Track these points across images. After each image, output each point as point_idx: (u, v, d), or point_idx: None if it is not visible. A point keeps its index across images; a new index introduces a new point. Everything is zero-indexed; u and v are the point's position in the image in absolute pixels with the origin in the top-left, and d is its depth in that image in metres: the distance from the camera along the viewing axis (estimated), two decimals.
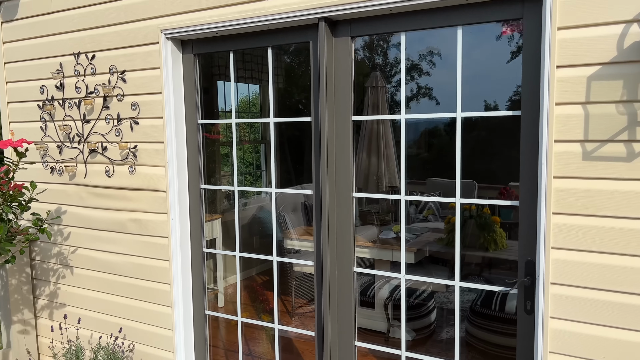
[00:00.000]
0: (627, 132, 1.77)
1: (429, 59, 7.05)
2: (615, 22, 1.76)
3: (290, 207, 5.14)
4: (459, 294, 2.27)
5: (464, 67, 2.16)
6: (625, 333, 1.84)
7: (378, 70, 6.19)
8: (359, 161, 5.57)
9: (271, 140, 2.71)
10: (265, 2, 2.44)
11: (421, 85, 7.56)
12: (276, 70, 5.85)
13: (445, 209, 5.76)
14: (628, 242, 1.80)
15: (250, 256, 2.92)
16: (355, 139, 2.42)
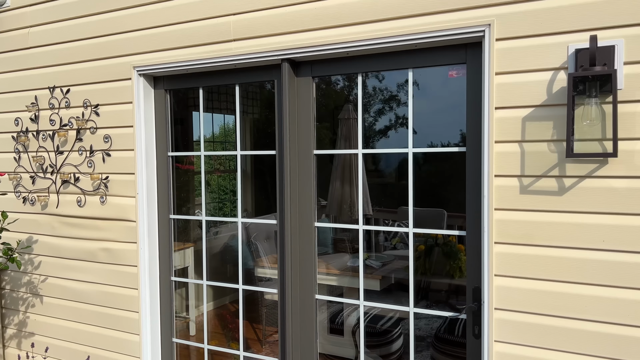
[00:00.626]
0: (557, 168, 1.94)
1: (405, 89, 7.32)
2: (545, 69, 1.95)
3: (263, 235, 5.23)
4: (412, 319, 2.39)
5: (431, 102, 2.33)
6: (562, 355, 1.98)
7: (351, 103, 6.41)
8: (332, 190, 5.72)
9: (237, 170, 2.83)
10: (232, 44, 2.60)
11: (399, 115, 7.80)
12: (248, 102, 6.02)
13: (415, 237, 5.90)
14: (562, 269, 1.95)
15: (217, 284, 3.00)
16: (328, 169, 2.56)
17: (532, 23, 1.95)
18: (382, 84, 7.00)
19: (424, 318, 4.81)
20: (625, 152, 1.83)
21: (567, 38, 1.91)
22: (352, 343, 4.02)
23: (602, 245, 1.89)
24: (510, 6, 1.99)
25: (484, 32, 2.03)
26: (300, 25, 2.41)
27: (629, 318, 1.86)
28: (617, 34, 1.83)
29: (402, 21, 2.19)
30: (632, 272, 1.85)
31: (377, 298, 3.76)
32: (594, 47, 1.78)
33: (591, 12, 1.86)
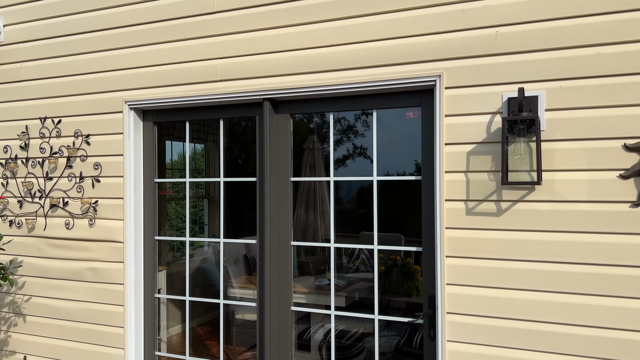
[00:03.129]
0: (495, 193, 2.37)
1: (368, 125, 7.81)
2: (485, 113, 2.40)
3: (232, 259, 5.50)
4: (377, 325, 2.74)
5: (392, 137, 2.73)
6: (503, 350, 2.36)
7: (315, 133, 6.83)
8: (297, 216, 6.05)
9: (221, 196, 3.14)
10: (218, 84, 2.94)
11: (357, 145, 8.29)
12: (226, 132, 6.34)
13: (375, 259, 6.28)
14: (501, 277, 2.36)
15: (200, 300, 3.26)
16: (294, 196, 2.91)
17: (474, 75, 2.40)
18: (342, 119, 7.52)
19: (384, 336, 5.15)
20: (547, 181, 2.28)
21: (502, 88, 2.36)
22: (319, 358, 4.31)
23: (532, 257, 2.31)
24: (457, 61, 2.44)
25: (435, 81, 2.47)
26: (280, 70, 2.79)
27: (555, 316, 2.27)
28: (540, 87, 2.30)
29: (368, 70, 2.61)
30: (556, 278, 2.27)
31: (351, 312, 4.09)
32: (521, 96, 2.24)
33: (520, 69, 2.33)
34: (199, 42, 2.99)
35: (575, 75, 2.23)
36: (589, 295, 2.22)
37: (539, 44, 2.29)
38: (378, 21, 2.58)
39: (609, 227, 2.19)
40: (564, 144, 2.26)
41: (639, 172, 2.13)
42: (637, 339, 2.15)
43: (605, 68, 2.19)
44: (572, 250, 2.25)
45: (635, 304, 2.15)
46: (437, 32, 2.47)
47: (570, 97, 2.24)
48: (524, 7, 2.31)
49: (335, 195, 8.34)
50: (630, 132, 2.15)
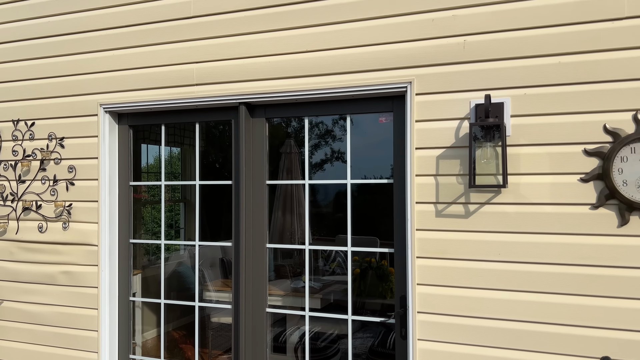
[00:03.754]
0: (464, 196, 2.46)
1: (343, 129, 7.88)
2: (454, 119, 2.48)
3: (208, 262, 5.49)
4: (351, 325, 2.80)
5: (366, 142, 2.79)
6: (470, 347, 2.44)
7: (292, 137, 6.88)
8: (274, 219, 6.08)
9: (196, 199, 3.16)
10: (195, 87, 2.97)
11: (334, 150, 8.36)
12: (200, 136, 6.34)
13: (351, 261, 6.35)
14: (469, 277, 2.44)
15: (175, 303, 3.27)
16: (271, 199, 2.95)
17: (444, 82, 2.49)
18: (320, 124, 7.59)
19: (359, 338, 5.21)
20: (513, 184, 2.37)
21: (470, 95, 2.45)
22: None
23: (498, 257, 2.40)
24: (427, 68, 2.52)
25: (406, 87, 2.54)
26: (256, 75, 2.83)
27: (520, 315, 2.36)
28: (506, 94, 2.40)
29: (342, 76, 2.67)
30: (521, 278, 2.36)
31: (325, 313, 4.13)
32: (488, 103, 2.33)
33: (487, 76, 2.42)
34: (175, 46, 3.02)
35: (539, 83, 2.33)
36: (552, 294, 2.32)
37: (505, 53, 2.39)
38: (352, 28, 2.65)
39: (571, 228, 2.29)
40: (529, 148, 2.35)
41: (598, 175, 2.24)
42: (599, 335, 2.25)
43: (566, 76, 2.29)
44: (536, 250, 2.34)
45: (596, 302, 2.25)
46: (408, 40, 2.55)
47: (534, 103, 2.34)
48: (491, 17, 2.41)
49: (313, 199, 8.45)
50: (590, 137, 2.26)
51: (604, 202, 2.23)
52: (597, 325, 2.25)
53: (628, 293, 2.20)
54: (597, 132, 2.25)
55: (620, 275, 2.22)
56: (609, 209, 2.24)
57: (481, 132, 2.39)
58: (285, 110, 2.90)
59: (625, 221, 2.20)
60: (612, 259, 2.23)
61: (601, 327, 2.24)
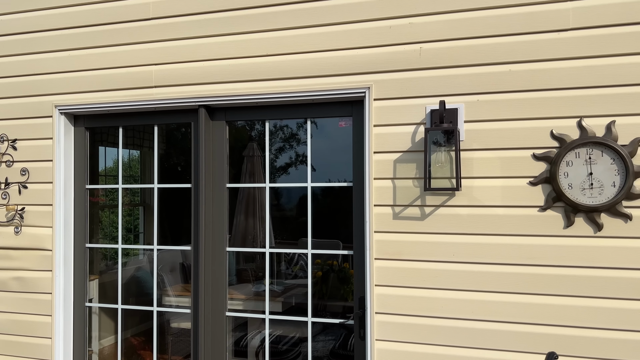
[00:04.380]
0: (419, 199, 2.52)
1: (306, 128, 7.89)
2: (410, 124, 2.55)
3: (168, 267, 5.42)
4: (310, 327, 2.82)
5: (329, 145, 2.82)
6: (427, 347, 2.51)
7: (255, 141, 6.87)
8: (236, 223, 6.05)
9: (155, 203, 3.13)
10: (153, 89, 2.95)
11: (299, 153, 8.40)
12: (160, 139, 6.25)
13: (313, 264, 6.39)
14: (425, 278, 2.51)
15: (132, 308, 3.22)
16: (233, 203, 2.94)
17: (401, 88, 2.55)
18: (284, 127, 7.61)
19: (321, 340, 5.24)
20: (466, 187, 2.46)
21: (425, 101, 2.52)
22: None
23: (453, 258, 2.47)
24: (385, 74, 2.58)
25: (365, 93, 2.60)
26: (216, 78, 2.83)
27: (474, 313, 2.44)
28: (460, 100, 2.48)
29: (302, 80, 2.70)
30: (474, 278, 2.44)
31: (285, 316, 4.14)
32: (442, 108, 2.40)
33: (442, 83, 2.50)
34: (133, 47, 2.98)
35: (491, 90, 2.43)
36: (503, 293, 2.41)
37: (459, 60, 2.47)
38: (312, 34, 2.68)
39: (521, 229, 2.39)
40: (481, 153, 2.44)
41: (546, 179, 2.34)
42: (546, 332, 2.34)
43: (516, 84, 2.39)
44: (488, 251, 2.42)
45: (543, 300, 2.35)
46: (367, 46, 2.61)
47: (486, 110, 2.43)
48: (446, 26, 2.49)
49: (277, 203, 8.44)
50: (539, 142, 2.36)
51: (551, 204, 2.33)
52: (544, 322, 2.35)
53: (572, 291, 2.31)
54: (545, 138, 2.36)
55: (565, 274, 2.32)
56: (555, 211, 2.35)
57: (436, 137, 2.46)
58: (246, 113, 2.91)
59: (570, 222, 2.31)
60: (558, 259, 2.33)
61: (548, 324, 2.34)
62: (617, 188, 2.24)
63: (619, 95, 2.26)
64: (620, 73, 2.26)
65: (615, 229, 2.26)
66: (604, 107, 2.28)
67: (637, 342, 2.24)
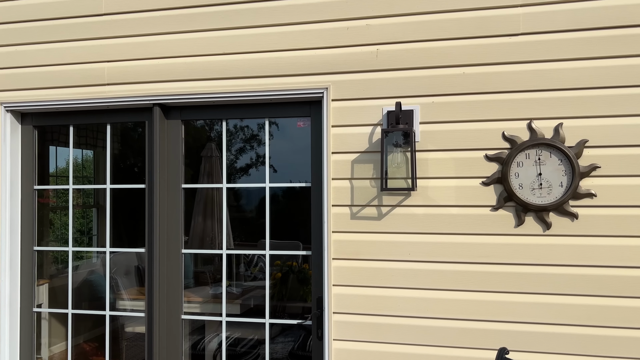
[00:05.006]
0: (376, 199, 2.55)
1: (266, 130, 7.81)
2: (367, 125, 2.57)
3: (122, 270, 5.27)
4: (268, 329, 2.80)
5: (290, 145, 2.80)
6: (384, 345, 2.53)
7: (214, 141, 6.78)
8: (195, 224, 5.95)
9: (107, 204, 3.04)
10: (106, 87, 2.86)
11: (260, 154, 8.33)
12: (115, 138, 6.08)
13: (272, 266, 6.36)
14: (381, 277, 2.53)
15: (83, 312, 3.11)
16: (192, 204, 2.89)
17: (358, 89, 2.57)
18: (245, 127, 7.55)
19: (280, 342, 5.22)
20: (421, 187, 2.50)
21: (382, 102, 2.55)
22: None
23: (408, 257, 2.51)
24: (343, 75, 2.59)
25: (323, 93, 2.60)
26: (172, 76, 2.78)
27: (429, 311, 2.48)
28: (415, 102, 2.52)
29: (260, 80, 2.68)
30: (430, 277, 2.48)
31: (242, 318, 4.10)
32: (398, 110, 2.43)
33: (398, 84, 2.53)
34: (85, 43, 2.89)
35: (445, 92, 2.48)
36: (457, 291, 2.46)
37: (415, 62, 2.51)
38: (270, 33, 2.67)
39: (474, 228, 2.44)
40: (436, 154, 2.48)
41: (498, 179, 2.41)
42: (498, 328, 2.41)
43: (470, 86, 2.45)
44: (443, 250, 2.47)
45: (495, 297, 2.41)
46: (324, 46, 2.61)
47: (441, 111, 2.48)
48: (402, 28, 2.52)
49: (237, 204, 8.35)
50: (491, 144, 2.43)
51: (503, 204, 2.40)
52: (496, 319, 2.41)
53: (522, 288, 2.38)
54: (497, 139, 2.42)
55: (516, 271, 2.39)
56: (507, 210, 2.41)
57: (392, 138, 2.49)
58: (203, 112, 2.86)
59: (521, 221, 2.39)
60: (510, 257, 2.40)
61: (500, 321, 2.40)
62: (564, 188, 2.33)
63: (566, 99, 2.35)
64: (567, 77, 2.35)
65: (563, 228, 2.35)
66: (552, 110, 2.36)
67: (583, 336, 2.33)
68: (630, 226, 2.28)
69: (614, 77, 2.30)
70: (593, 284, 2.32)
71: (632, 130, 2.28)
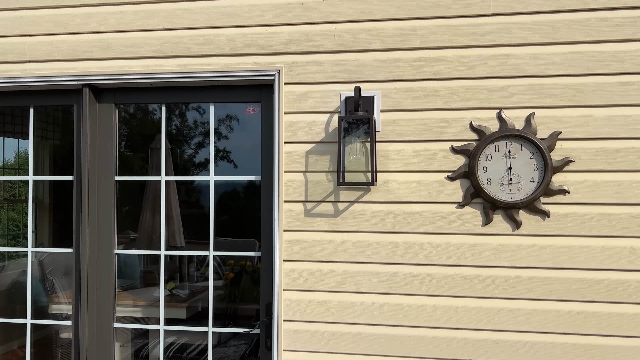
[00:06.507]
0: (333, 194, 2.30)
1: (227, 124, 7.45)
2: (324, 112, 2.31)
3: (61, 270, 4.84)
4: (211, 338, 2.52)
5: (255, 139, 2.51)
6: (339, 356, 2.29)
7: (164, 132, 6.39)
8: (142, 221, 5.58)
9: (29, 198, 2.67)
10: (27, 65, 2.50)
11: (219, 148, 7.96)
12: (48, 126, 5.61)
13: (225, 265, 6.04)
14: (337, 280, 2.29)
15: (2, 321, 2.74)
16: (140, 199, 2.56)
17: (314, 72, 2.31)
18: (196, 116, 7.12)
19: (233, 346, 4.91)
20: (382, 181, 2.26)
21: (340, 87, 2.30)
22: None
23: (367, 259, 2.27)
24: (297, 56, 2.33)
25: (274, 76, 2.33)
26: (103, 53, 2.44)
27: (390, 319, 2.25)
28: (376, 87, 2.28)
29: (204, 59, 2.38)
30: (390, 280, 2.26)
31: (183, 325, 3.79)
32: (357, 95, 2.19)
33: (358, 68, 2.28)
34: (2, 14, 2.51)
35: (409, 77, 2.25)
36: (419, 296, 2.24)
37: (376, 44, 2.27)
38: (215, 7, 2.38)
39: (438, 227, 2.23)
40: (398, 145, 2.26)
41: (464, 173, 2.20)
42: (463, 337, 2.21)
43: (435, 71, 2.23)
44: (404, 250, 2.25)
45: (460, 302, 2.21)
46: (276, 23, 2.34)
47: (403, 98, 2.25)
48: (362, 5, 2.28)
49: (187, 200, 7.86)
50: (457, 135, 2.22)
51: (469, 200, 2.20)
52: (462, 327, 2.21)
53: (490, 292, 2.19)
54: (464, 130, 2.22)
55: (483, 274, 2.20)
56: (474, 207, 2.21)
57: (351, 127, 2.25)
58: (139, 95, 2.54)
59: (489, 220, 2.19)
60: (476, 258, 2.20)
61: (466, 328, 2.20)
62: (535, 184, 2.14)
63: (538, 87, 2.16)
64: (541, 63, 2.16)
65: (534, 227, 2.17)
66: (524, 99, 2.17)
67: (556, 345, 2.15)
68: (606, 225, 2.11)
69: (591, 64, 2.13)
70: (566, 288, 2.15)
71: (609, 122, 2.12)
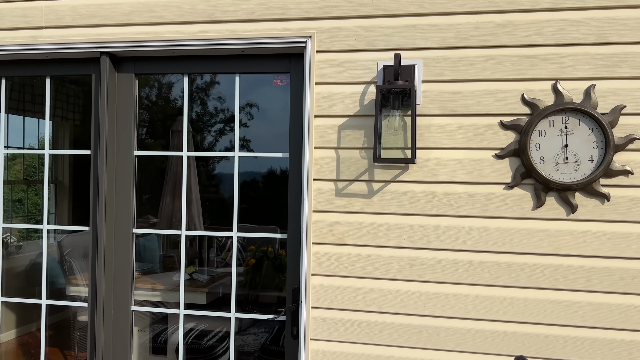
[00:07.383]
0: (367, 173, 2.11)
1: (247, 110, 7.29)
2: (359, 82, 2.12)
3: (80, 251, 4.76)
4: (234, 324, 2.37)
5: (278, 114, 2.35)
6: (370, 347, 2.12)
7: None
8: (162, 206, 5.49)
9: (45, 172, 2.55)
10: (44, 31, 2.36)
11: (240, 136, 7.83)
12: (69, 107, 5.52)
13: (246, 251, 5.91)
14: (370, 266, 2.11)
15: (12, 300, 2.64)
16: (160, 183, 2.42)
17: (348, 39, 2.12)
18: (217, 92, 6.94)
19: (253, 334, 4.79)
20: (422, 159, 2.07)
21: (377, 55, 2.11)
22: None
23: (403, 243, 2.09)
24: (330, 21, 2.14)
25: (305, 43, 2.15)
26: (124, 19, 2.29)
27: (428, 309, 2.07)
28: (417, 55, 2.08)
29: (230, 25, 2.21)
30: (429, 267, 2.07)
31: (204, 311, 3.66)
32: (397, 64, 1.99)
33: (397, 34, 2.09)
34: None
35: (454, 45, 2.04)
36: (462, 285, 2.05)
37: (417, 8, 2.07)
38: None
39: (483, 210, 2.03)
40: (440, 119, 2.06)
41: (514, 151, 2.00)
42: (512, 330, 2.01)
43: (484, 38, 2.02)
44: (445, 235, 2.06)
45: (508, 293, 2.01)
46: None
47: (447, 68, 2.05)
48: None
49: (208, 184, 7.71)
50: (507, 108, 2.01)
51: (519, 181, 1.99)
52: (508, 319, 2.01)
53: (541, 283, 1.99)
54: (515, 103, 2.00)
55: (533, 262, 1.99)
56: (524, 189, 2.01)
57: (389, 99, 2.05)
58: (161, 65, 2.38)
59: (540, 203, 1.98)
60: (526, 245, 2.00)
61: (513, 321, 2.01)
62: (595, 163, 1.92)
63: (600, 55, 1.94)
64: (603, 28, 1.93)
65: (591, 211, 1.95)
66: (584, 69, 1.95)
67: (616, 341, 1.95)
68: None
69: None
70: (627, 280, 1.93)
71: None
